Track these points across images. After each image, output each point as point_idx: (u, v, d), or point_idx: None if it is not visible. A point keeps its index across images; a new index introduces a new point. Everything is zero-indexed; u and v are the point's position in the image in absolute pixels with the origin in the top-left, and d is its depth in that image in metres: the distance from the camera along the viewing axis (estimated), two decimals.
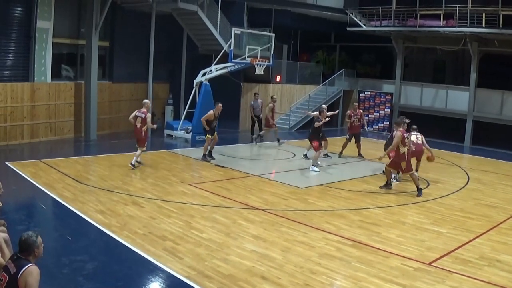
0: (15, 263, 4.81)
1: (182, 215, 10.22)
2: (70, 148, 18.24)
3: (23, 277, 4.70)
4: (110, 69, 21.87)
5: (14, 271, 4.74)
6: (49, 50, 18.32)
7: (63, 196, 11.06)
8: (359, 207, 11.52)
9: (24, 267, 4.74)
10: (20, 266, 4.74)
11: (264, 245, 8.67)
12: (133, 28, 21.73)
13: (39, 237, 4.99)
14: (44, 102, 18.31)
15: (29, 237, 4.89)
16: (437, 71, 29.05)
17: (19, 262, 4.79)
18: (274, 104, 20.08)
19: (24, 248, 4.87)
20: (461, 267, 7.94)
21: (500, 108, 23.12)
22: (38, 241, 4.94)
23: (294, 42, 29.69)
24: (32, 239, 4.89)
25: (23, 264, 4.75)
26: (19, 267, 4.74)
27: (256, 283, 7.07)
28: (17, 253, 4.94)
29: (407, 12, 25.04)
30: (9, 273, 4.76)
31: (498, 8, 21.23)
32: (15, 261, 4.83)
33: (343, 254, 8.39)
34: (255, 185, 13.24)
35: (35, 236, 4.94)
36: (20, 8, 17.48)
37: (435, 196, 12.90)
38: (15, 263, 4.81)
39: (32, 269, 4.77)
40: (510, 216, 11.21)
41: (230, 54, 19.95)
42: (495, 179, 15.72)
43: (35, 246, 4.89)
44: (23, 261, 4.79)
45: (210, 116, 15.76)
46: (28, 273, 4.73)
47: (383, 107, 27.60)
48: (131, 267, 7.51)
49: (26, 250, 4.87)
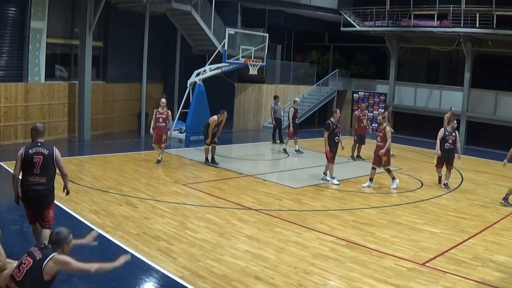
0: (41, 251, 4.79)
1: (176, 215, 10.21)
2: (64, 148, 18.13)
3: (49, 265, 4.69)
4: (104, 69, 21.83)
5: (40, 257, 4.72)
6: (43, 50, 18.26)
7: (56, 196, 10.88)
8: (353, 207, 11.54)
9: (51, 255, 4.73)
10: (47, 254, 4.72)
11: (258, 245, 8.67)
12: (127, 28, 21.71)
13: (71, 234, 5.02)
14: (38, 102, 18.25)
15: (61, 231, 4.92)
16: (431, 71, 29.15)
17: (46, 251, 4.78)
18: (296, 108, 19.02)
19: (54, 241, 4.88)
20: (455, 267, 7.96)
21: (494, 108, 23.21)
22: (69, 238, 4.97)
23: (288, 43, 29.71)
24: (64, 234, 4.93)
25: (51, 252, 4.75)
26: (46, 255, 4.73)
27: (250, 283, 7.06)
28: (44, 242, 4.95)
29: (401, 12, 25.11)
30: (34, 258, 4.73)
31: (492, 9, 21.31)
32: (42, 249, 4.82)
33: (337, 254, 8.39)
34: (249, 185, 13.24)
35: (68, 232, 4.97)
36: (14, 8, 17.41)
37: (429, 197, 12.94)
38: (41, 250, 4.80)
39: (61, 257, 4.78)
40: (503, 216, 11.25)
41: (224, 55, 19.95)
42: (488, 179, 15.79)
43: (65, 242, 4.92)
44: (51, 250, 4.79)
45: (214, 122, 15.39)
46: (56, 259, 4.73)
47: (377, 107, 27.64)
48: (124, 268, 7.44)
49: (56, 244, 4.87)
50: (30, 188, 7.10)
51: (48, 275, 4.72)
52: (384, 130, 13.50)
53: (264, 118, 25.86)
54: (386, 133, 13.44)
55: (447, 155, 13.88)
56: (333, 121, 13.98)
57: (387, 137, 13.39)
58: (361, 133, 17.93)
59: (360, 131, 17.86)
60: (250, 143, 21.63)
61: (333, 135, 13.80)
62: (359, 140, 17.91)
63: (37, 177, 7.10)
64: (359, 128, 17.87)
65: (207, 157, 15.72)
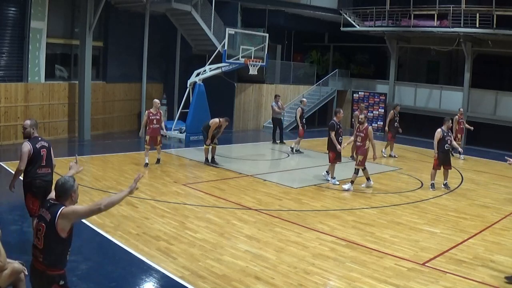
0: (49, 210, 4.73)
1: (176, 215, 10.21)
2: (64, 148, 18.15)
3: (59, 222, 4.64)
4: (104, 69, 21.82)
5: (49, 218, 4.67)
6: (43, 50, 18.27)
7: None
8: (353, 207, 11.54)
9: (58, 210, 4.66)
10: (55, 212, 4.66)
11: (258, 245, 8.67)
12: (127, 28, 21.71)
13: (76, 181, 4.94)
14: (38, 102, 18.26)
15: (66, 181, 4.83)
16: (431, 71, 29.14)
17: (52, 208, 4.71)
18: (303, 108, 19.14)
19: (61, 193, 4.80)
20: (455, 267, 7.95)
21: (494, 109, 23.21)
22: (75, 185, 4.89)
23: (288, 43, 29.69)
24: (70, 183, 4.84)
25: (57, 209, 4.67)
26: (54, 212, 4.66)
27: (250, 283, 7.06)
28: (50, 200, 4.88)
29: (401, 12, 25.10)
30: (46, 221, 4.69)
31: (492, 8, 21.31)
32: (48, 208, 4.75)
33: (337, 254, 8.39)
34: (249, 185, 13.24)
35: (72, 180, 4.89)
36: (14, 8, 17.42)
37: (429, 197, 12.94)
38: (48, 210, 4.73)
39: (67, 209, 4.70)
40: (503, 216, 11.25)
41: (224, 54, 19.95)
42: (489, 179, 15.78)
43: (72, 190, 4.83)
44: (57, 206, 4.72)
45: (214, 124, 15.35)
46: (64, 213, 4.67)
47: (377, 107, 27.65)
48: (124, 268, 7.49)
49: (64, 195, 4.80)
50: (42, 179, 7.65)
51: (63, 232, 4.69)
52: (366, 130, 13.22)
53: (264, 118, 25.86)
54: (368, 134, 13.19)
55: (446, 156, 13.87)
56: (337, 121, 13.95)
57: (370, 138, 13.20)
58: None
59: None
60: (250, 143, 21.63)
61: (337, 135, 13.73)
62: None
63: (44, 169, 7.71)
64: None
65: (207, 157, 15.71)
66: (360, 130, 13.40)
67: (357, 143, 13.41)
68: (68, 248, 4.86)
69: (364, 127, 13.34)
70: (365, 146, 13.20)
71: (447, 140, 13.71)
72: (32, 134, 7.71)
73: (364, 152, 13.18)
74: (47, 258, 4.71)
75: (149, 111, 14.66)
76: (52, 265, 4.74)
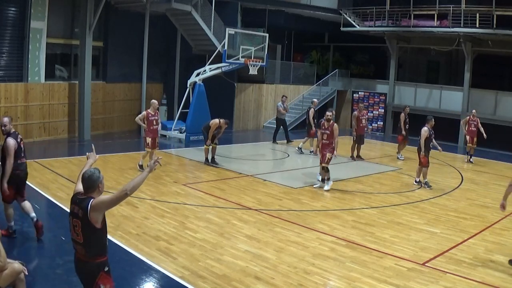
0: (80, 205, 4.85)
1: (176, 215, 10.21)
2: (64, 148, 18.19)
3: (92, 216, 4.77)
4: (104, 69, 21.83)
5: (82, 214, 4.80)
6: (43, 50, 18.27)
7: (57, 197, 11.03)
8: (353, 207, 11.54)
9: (88, 204, 4.78)
10: (85, 206, 4.78)
11: (258, 245, 8.67)
12: (127, 28, 21.70)
13: (101, 172, 5.05)
14: (38, 102, 18.26)
15: (92, 173, 4.93)
16: (431, 71, 29.15)
17: (82, 203, 4.83)
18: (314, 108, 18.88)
19: (89, 185, 4.91)
20: (455, 267, 7.96)
21: (494, 109, 23.20)
22: (101, 176, 5.00)
23: (288, 43, 29.70)
24: (96, 175, 4.94)
25: (87, 202, 4.79)
26: (85, 207, 4.78)
27: (250, 283, 7.06)
28: (77, 195, 4.98)
29: (401, 12, 25.09)
30: (78, 217, 4.83)
31: (492, 8, 21.30)
32: (79, 204, 4.87)
33: (337, 254, 8.40)
34: (249, 185, 13.24)
35: (98, 172, 4.99)
36: (14, 8, 17.41)
37: (429, 196, 12.94)
38: (79, 205, 4.85)
39: (95, 201, 4.81)
40: (503, 217, 11.22)
41: (224, 54, 19.96)
42: (488, 179, 15.78)
43: (99, 181, 4.94)
44: (86, 200, 4.83)
45: (215, 125, 15.36)
46: (94, 206, 4.78)
47: (377, 107, 27.65)
48: (124, 268, 7.48)
49: (91, 187, 4.91)
50: (21, 170, 8.36)
51: (98, 223, 4.83)
52: (331, 128, 12.95)
53: (264, 118, 25.88)
54: (334, 131, 12.92)
55: (429, 155, 13.95)
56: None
57: (335, 135, 12.92)
58: (361, 133, 17.94)
59: (359, 131, 17.86)
60: (250, 143, 21.63)
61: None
62: (358, 140, 17.92)
63: (23, 159, 8.43)
64: (358, 128, 17.86)
65: (207, 157, 15.72)
66: (325, 127, 13.12)
67: (323, 141, 13.13)
68: (106, 235, 5.07)
69: (330, 124, 13.05)
70: (332, 144, 12.94)
71: (432, 138, 13.90)
72: (11, 129, 8.24)
73: (332, 151, 12.97)
74: (89, 250, 4.89)
75: (148, 112, 14.28)
76: (96, 254, 4.95)
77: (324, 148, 13.11)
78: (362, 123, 18.03)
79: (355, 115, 18.11)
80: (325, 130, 13.10)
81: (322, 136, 13.18)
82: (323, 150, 13.12)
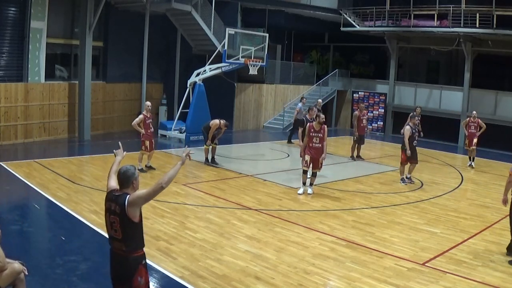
0: (116, 202, 4.89)
1: (176, 215, 10.21)
2: (64, 148, 18.18)
3: (129, 211, 4.82)
4: (104, 69, 21.83)
5: (120, 210, 4.85)
6: (43, 50, 18.28)
7: (56, 197, 11.02)
8: (353, 207, 11.53)
9: (125, 200, 4.83)
10: (122, 202, 4.83)
11: (258, 245, 8.67)
12: (127, 28, 21.71)
13: (136, 169, 5.12)
14: (38, 102, 18.26)
15: (127, 169, 4.99)
16: (431, 71, 29.13)
17: (119, 200, 4.88)
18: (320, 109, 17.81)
19: (124, 181, 4.96)
20: (455, 267, 7.95)
21: (494, 109, 23.21)
22: (136, 173, 5.05)
23: (288, 43, 29.71)
24: (131, 171, 5.00)
25: (123, 198, 4.85)
26: (121, 204, 4.83)
27: (250, 283, 7.06)
28: (113, 192, 5.03)
29: (401, 12, 25.10)
30: (116, 213, 4.88)
31: (492, 8, 21.31)
32: (115, 201, 4.92)
33: (337, 254, 8.39)
34: (249, 185, 13.23)
35: (133, 168, 5.06)
36: (14, 8, 17.42)
37: (429, 197, 12.93)
38: (116, 202, 4.90)
39: (131, 196, 4.87)
40: (503, 216, 11.19)
41: (224, 54, 19.94)
42: (489, 179, 15.78)
43: (133, 178, 5.00)
44: (122, 196, 4.88)
45: (215, 126, 15.37)
46: (131, 201, 4.83)
47: (377, 107, 27.65)
48: None
49: (126, 183, 4.96)
50: None
51: (135, 218, 4.89)
52: (323, 130, 12.23)
53: (264, 118, 25.88)
54: (325, 133, 12.26)
55: (414, 152, 13.96)
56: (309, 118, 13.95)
57: (325, 137, 12.21)
58: (361, 133, 17.91)
59: (360, 131, 17.84)
60: (250, 143, 21.64)
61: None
62: (358, 140, 17.91)
63: None
64: (359, 128, 17.83)
65: (207, 157, 15.72)
66: (317, 130, 12.22)
67: (315, 144, 12.21)
68: (142, 229, 5.07)
69: (322, 127, 12.22)
70: (323, 147, 12.23)
71: (415, 136, 13.94)
72: None
73: (323, 154, 12.29)
74: (128, 245, 4.93)
75: (145, 115, 14.21)
76: (136, 248, 4.98)
77: (317, 153, 12.23)
78: (363, 123, 18.01)
79: (356, 115, 18.06)
80: (317, 133, 12.21)
81: (313, 140, 12.23)
82: (316, 155, 12.24)
